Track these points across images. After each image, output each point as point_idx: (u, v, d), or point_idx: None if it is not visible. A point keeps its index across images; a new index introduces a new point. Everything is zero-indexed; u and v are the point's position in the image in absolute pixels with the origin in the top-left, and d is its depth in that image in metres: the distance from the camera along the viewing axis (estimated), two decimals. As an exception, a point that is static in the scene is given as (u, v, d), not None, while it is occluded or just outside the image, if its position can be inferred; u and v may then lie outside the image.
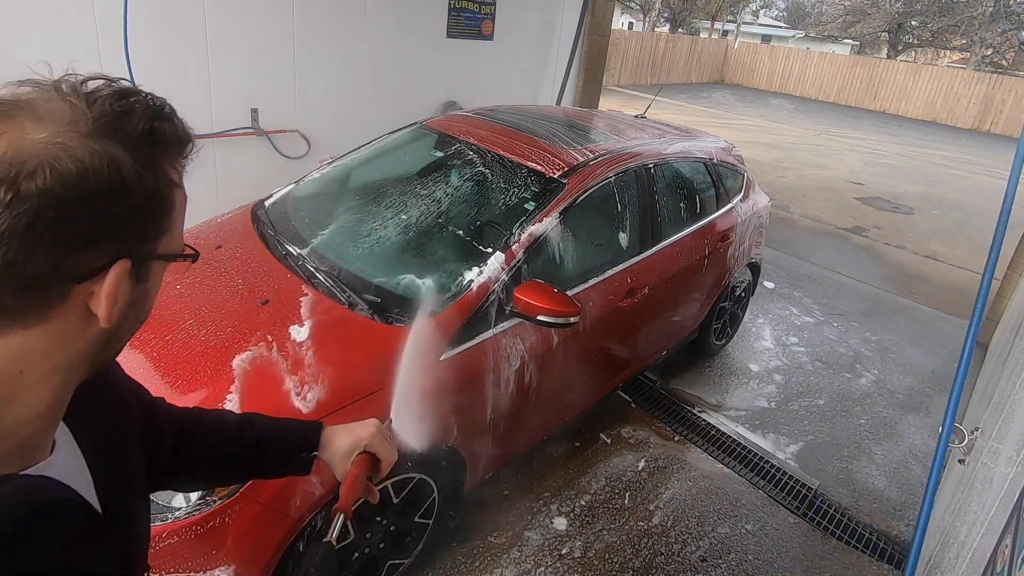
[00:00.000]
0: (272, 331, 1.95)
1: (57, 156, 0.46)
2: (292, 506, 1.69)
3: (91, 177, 0.47)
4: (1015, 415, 1.59)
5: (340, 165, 3.08)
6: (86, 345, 0.53)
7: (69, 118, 0.49)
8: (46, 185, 0.45)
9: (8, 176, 0.44)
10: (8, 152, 0.44)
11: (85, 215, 0.47)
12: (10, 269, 0.45)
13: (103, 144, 0.49)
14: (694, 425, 3.33)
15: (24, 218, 0.44)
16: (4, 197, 0.43)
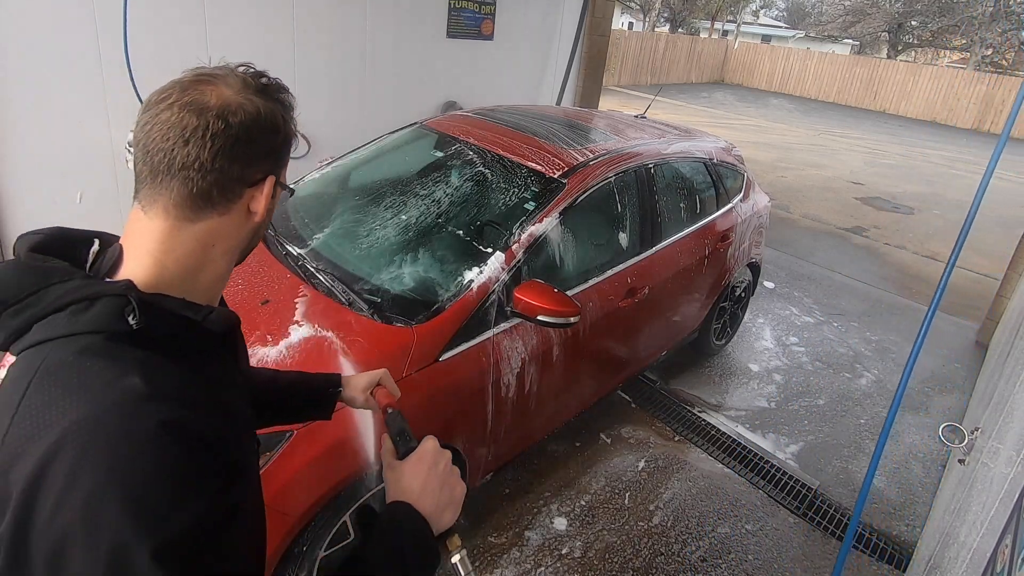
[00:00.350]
0: (272, 331, 1.95)
1: (244, 103, 0.73)
2: (292, 506, 1.69)
3: (263, 118, 0.74)
4: (1015, 415, 1.59)
5: (340, 165, 3.08)
6: (245, 234, 0.78)
7: (242, 84, 0.75)
8: (242, 119, 0.71)
9: (222, 113, 0.70)
10: (217, 100, 0.71)
11: (259, 141, 0.73)
12: (220, 173, 0.70)
13: (265, 100, 0.76)
14: (694, 425, 3.33)
15: (230, 139, 0.70)
16: (219, 125, 0.69)
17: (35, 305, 0.64)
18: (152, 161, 0.70)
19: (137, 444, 0.55)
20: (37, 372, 0.60)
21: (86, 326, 0.62)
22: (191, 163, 0.68)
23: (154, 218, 0.71)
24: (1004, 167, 13.49)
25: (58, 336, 0.62)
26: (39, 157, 3.63)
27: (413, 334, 1.99)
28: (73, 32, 3.54)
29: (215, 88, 0.73)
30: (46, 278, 0.66)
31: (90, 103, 3.71)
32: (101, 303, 0.64)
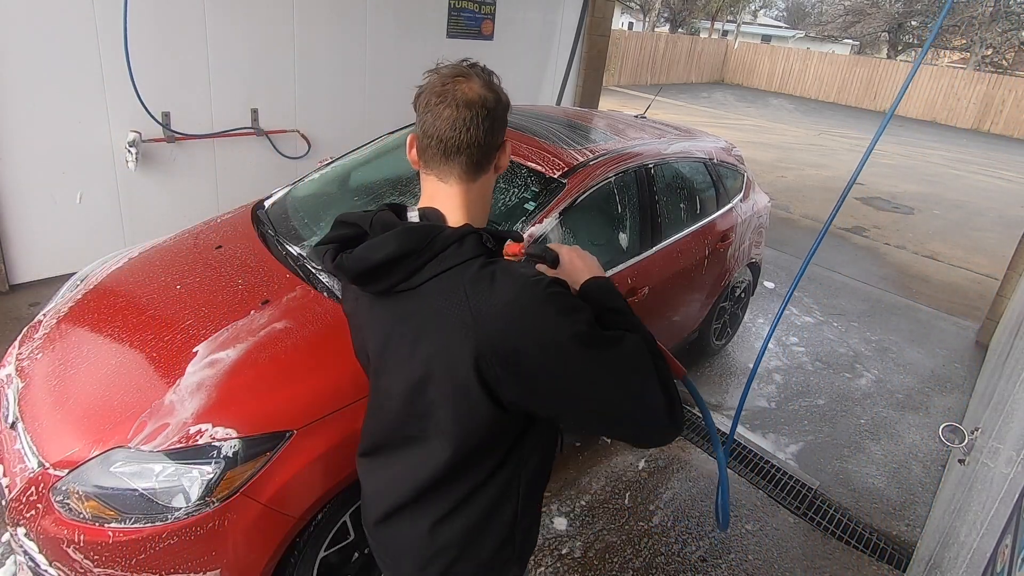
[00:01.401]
0: (272, 331, 1.95)
1: (492, 94, 1.01)
2: (292, 506, 1.69)
3: (501, 102, 1.03)
4: (1015, 415, 1.59)
5: (340, 165, 3.08)
6: (492, 185, 1.10)
7: (483, 79, 1.02)
8: (494, 106, 1.01)
9: (484, 103, 0.99)
10: (476, 93, 0.99)
11: (500, 117, 1.04)
12: (488, 144, 1.02)
13: (494, 89, 1.03)
14: (694, 425, 3.33)
15: (493, 120, 1.01)
16: (483, 113, 0.99)
17: (431, 248, 0.95)
18: (444, 146, 1.00)
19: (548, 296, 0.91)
20: (465, 283, 0.92)
21: (468, 254, 0.95)
22: (473, 142, 0.99)
23: (453, 185, 1.04)
24: (1004, 167, 13.50)
25: (454, 265, 0.94)
26: (39, 157, 3.63)
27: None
28: (73, 32, 3.54)
29: (471, 82, 1.00)
30: (430, 232, 0.96)
31: (90, 103, 3.71)
32: (469, 239, 0.96)
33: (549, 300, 0.91)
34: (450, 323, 0.92)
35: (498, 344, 0.89)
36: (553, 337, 0.88)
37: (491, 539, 1.07)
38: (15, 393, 1.91)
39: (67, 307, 2.19)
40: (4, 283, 3.71)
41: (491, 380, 0.91)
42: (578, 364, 0.89)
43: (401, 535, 1.10)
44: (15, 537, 1.69)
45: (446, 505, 1.04)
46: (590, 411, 0.93)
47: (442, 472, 1.01)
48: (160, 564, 1.59)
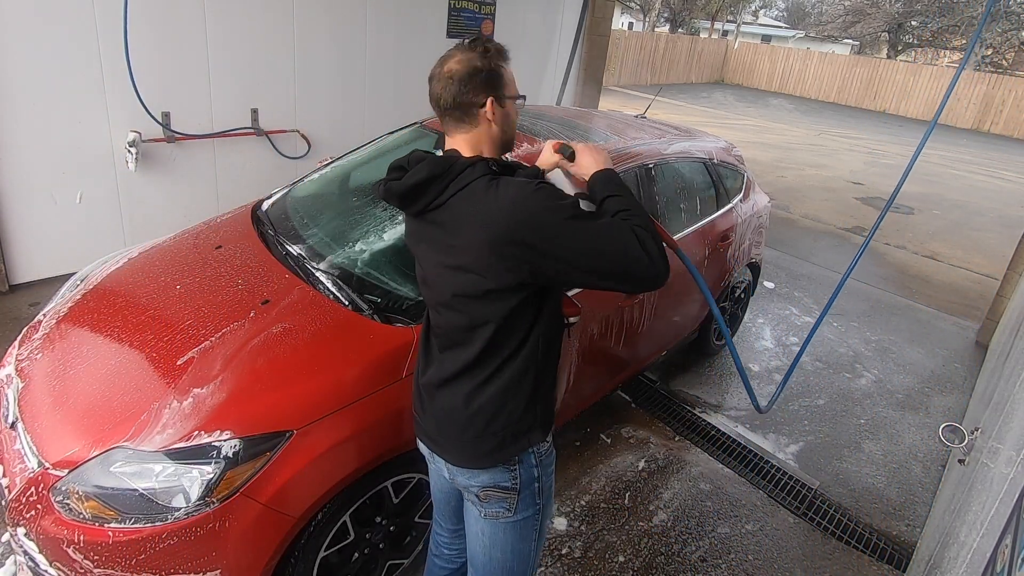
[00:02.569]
0: (272, 332, 1.95)
1: (461, 66, 1.29)
2: (292, 506, 1.69)
3: (473, 69, 1.29)
4: (1015, 415, 1.59)
5: (340, 165, 3.08)
6: (494, 134, 1.36)
7: (463, 53, 1.30)
8: (464, 74, 1.28)
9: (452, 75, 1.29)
10: (454, 66, 1.29)
11: (472, 82, 1.29)
12: (462, 104, 1.30)
13: (470, 55, 1.30)
14: (694, 425, 3.33)
15: (462, 85, 1.29)
16: (455, 79, 1.29)
17: (452, 170, 1.27)
18: (437, 108, 1.34)
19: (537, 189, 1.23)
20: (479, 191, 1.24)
21: (480, 172, 1.26)
22: (451, 104, 1.31)
23: (454, 135, 1.36)
24: (1004, 167, 13.50)
25: (470, 181, 1.25)
26: (39, 157, 3.63)
27: (413, 334, 1.99)
28: (73, 32, 3.54)
29: (450, 62, 1.30)
30: (451, 159, 1.30)
31: (90, 103, 3.71)
32: (479, 164, 1.28)
33: (538, 192, 1.23)
34: (473, 223, 1.24)
35: (511, 230, 1.20)
36: (547, 217, 1.21)
37: (517, 403, 1.37)
38: (15, 393, 1.91)
39: (67, 307, 2.19)
40: (4, 283, 3.71)
41: (509, 259, 1.22)
42: (568, 233, 1.20)
43: (449, 403, 1.40)
44: (15, 537, 1.69)
45: (484, 373, 1.35)
46: (588, 268, 1.23)
47: (479, 352, 1.33)
48: (160, 564, 1.59)
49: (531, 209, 1.21)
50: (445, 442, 1.45)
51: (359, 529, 1.93)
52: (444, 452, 1.46)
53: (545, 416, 1.44)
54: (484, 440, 1.38)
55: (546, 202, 1.22)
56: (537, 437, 1.42)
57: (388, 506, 2.01)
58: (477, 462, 1.40)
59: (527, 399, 1.38)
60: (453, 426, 1.41)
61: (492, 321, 1.30)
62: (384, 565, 2.10)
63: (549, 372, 1.43)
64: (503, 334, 1.31)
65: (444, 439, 1.45)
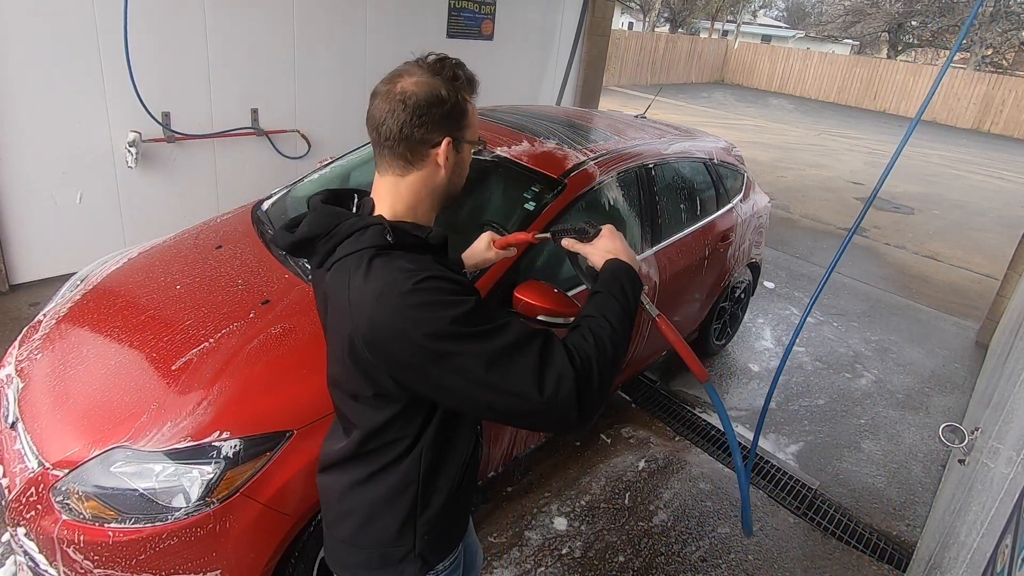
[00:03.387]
0: (272, 331, 1.95)
1: (427, 90, 0.99)
2: (292, 506, 1.69)
3: (438, 100, 1.00)
4: (1015, 415, 1.59)
5: (340, 165, 3.08)
6: (438, 183, 1.07)
7: (429, 74, 1.01)
8: (425, 101, 0.99)
9: (412, 100, 0.99)
10: (410, 88, 0.99)
11: (435, 111, 1.00)
12: (410, 138, 1.00)
13: (434, 79, 1.00)
14: (694, 425, 3.33)
15: (420, 116, 0.99)
16: (408, 105, 0.98)
17: (336, 235, 1.01)
18: (376, 135, 1.04)
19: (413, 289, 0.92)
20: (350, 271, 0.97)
21: (366, 243, 0.98)
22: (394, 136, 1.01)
23: (385, 175, 1.06)
24: (1004, 167, 13.50)
25: (352, 252, 0.98)
26: (39, 157, 3.63)
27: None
28: (73, 32, 3.54)
29: (407, 78, 1.01)
30: (338, 217, 1.03)
31: (90, 103, 3.71)
32: (371, 229, 0.99)
33: (413, 293, 0.92)
34: (338, 307, 1.01)
35: (365, 331, 0.95)
36: (410, 330, 0.91)
37: (388, 522, 1.11)
38: (15, 393, 1.91)
39: (67, 307, 2.19)
40: (4, 283, 3.71)
41: (365, 364, 0.98)
42: (435, 356, 0.91)
43: (328, 488, 1.20)
44: (15, 537, 1.69)
45: (359, 475, 1.12)
46: (472, 402, 0.95)
47: (352, 448, 1.10)
48: (160, 564, 1.59)
49: (398, 312, 0.91)
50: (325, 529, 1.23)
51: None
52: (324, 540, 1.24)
53: (433, 545, 1.14)
54: (351, 550, 1.15)
55: (419, 304, 0.91)
56: (411, 571, 1.13)
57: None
58: (342, 571, 1.19)
59: (402, 520, 1.10)
60: (327, 517, 1.20)
61: (359, 427, 1.07)
62: (384, 565, 2.09)
63: (442, 493, 1.12)
64: (373, 442, 1.07)
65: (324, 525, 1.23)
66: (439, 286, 0.94)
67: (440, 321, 0.91)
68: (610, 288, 1.09)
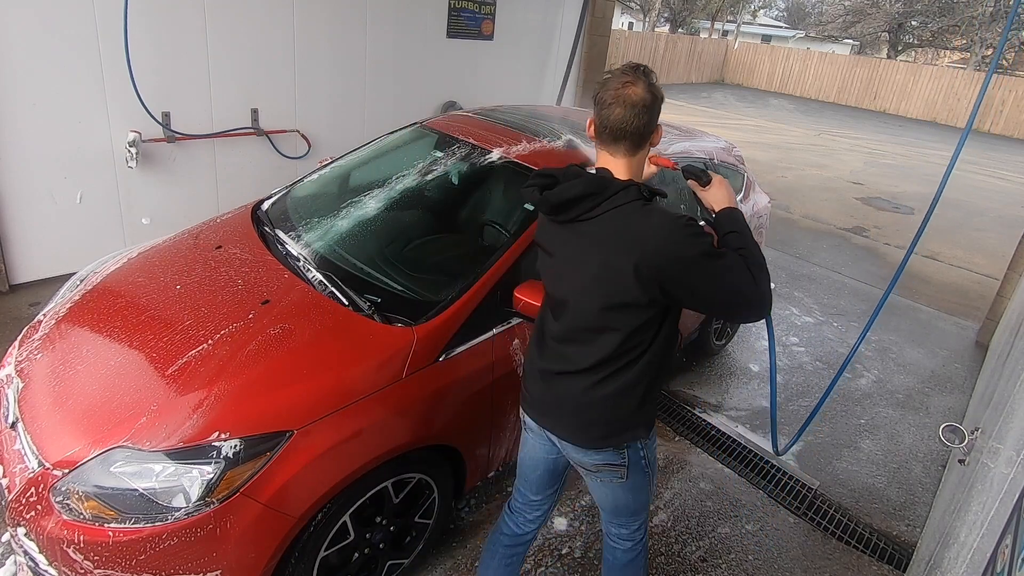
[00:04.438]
0: (272, 332, 1.95)
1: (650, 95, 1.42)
2: (292, 506, 1.69)
3: (656, 99, 1.43)
4: (1015, 415, 1.59)
5: (340, 166, 3.08)
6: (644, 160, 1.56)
7: (645, 82, 1.41)
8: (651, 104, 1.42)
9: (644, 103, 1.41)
10: (639, 95, 1.40)
11: (655, 111, 1.44)
12: (643, 131, 1.44)
13: (646, 83, 1.42)
14: (694, 425, 3.33)
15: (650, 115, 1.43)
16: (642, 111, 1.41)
17: (606, 191, 1.42)
18: (614, 133, 1.44)
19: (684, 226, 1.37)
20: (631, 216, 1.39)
21: (632, 197, 1.41)
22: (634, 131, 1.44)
23: (619, 157, 1.48)
24: (1004, 167, 13.49)
25: (622, 204, 1.40)
26: (39, 157, 3.63)
27: (413, 334, 1.99)
28: (73, 32, 3.54)
29: (635, 89, 1.41)
30: (606, 180, 1.45)
31: (90, 103, 3.71)
32: (632, 188, 1.42)
33: (685, 227, 1.37)
34: (620, 242, 1.40)
35: (655, 255, 1.36)
36: (686, 252, 1.36)
37: (629, 403, 1.53)
38: (15, 393, 1.91)
39: (67, 307, 2.19)
40: (4, 283, 3.71)
41: (646, 280, 1.38)
42: (700, 268, 1.37)
43: (567, 390, 1.56)
44: (15, 537, 1.69)
45: (599, 375, 1.50)
46: (708, 300, 1.44)
47: (610, 349, 1.48)
48: (160, 564, 1.59)
49: (676, 241, 1.36)
50: (560, 421, 1.62)
51: (359, 529, 1.93)
52: (557, 429, 1.63)
53: (651, 416, 1.62)
54: (595, 427, 1.56)
55: (689, 237, 1.37)
56: (641, 433, 1.60)
57: (388, 506, 2.01)
58: (589, 443, 1.59)
59: (639, 401, 1.54)
60: (570, 410, 1.57)
61: (620, 329, 1.46)
62: (384, 565, 2.10)
63: (661, 379, 1.59)
64: (628, 342, 1.47)
65: (559, 419, 1.61)
66: (694, 224, 1.39)
67: (702, 246, 1.36)
68: (738, 227, 1.55)
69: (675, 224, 1.37)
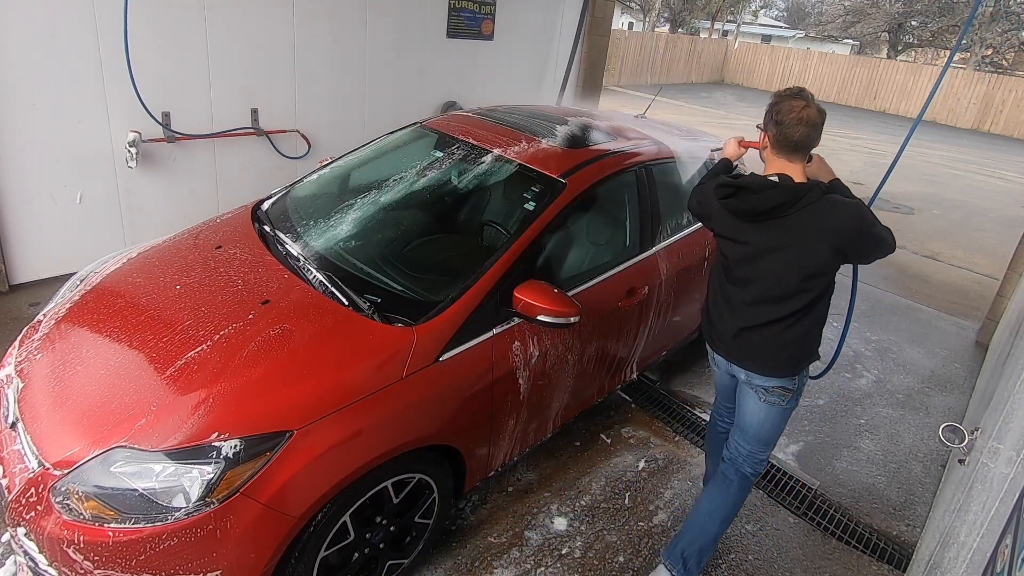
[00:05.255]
0: (272, 332, 1.95)
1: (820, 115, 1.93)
2: (292, 506, 1.69)
3: (823, 117, 1.93)
4: (1015, 415, 1.59)
5: (339, 166, 3.08)
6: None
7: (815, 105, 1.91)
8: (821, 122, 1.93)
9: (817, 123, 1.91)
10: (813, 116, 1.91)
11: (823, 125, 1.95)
12: (814, 143, 1.95)
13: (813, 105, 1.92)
14: (694, 425, 3.33)
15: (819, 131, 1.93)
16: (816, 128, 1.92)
17: (798, 195, 1.88)
18: (795, 146, 1.91)
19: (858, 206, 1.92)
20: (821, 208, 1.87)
21: (818, 195, 1.89)
22: (809, 144, 1.92)
23: (796, 163, 1.93)
24: (1004, 167, 13.49)
25: (814, 201, 1.88)
26: (39, 157, 3.63)
27: (413, 334, 1.99)
28: (73, 32, 3.54)
29: (809, 111, 1.88)
30: (795, 187, 1.89)
31: (90, 103, 3.72)
32: (816, 188, 1.90)
33: (861, 210, 1.89)
34: (818, 230, 1.87)
35: (847, 235, 1.87)
36: (866, 228, 1.88)
37: (809, 341, 2.07)
38: (15, 393, 1.91)
39: (67, 307, 2.19)
40: (4, 283, 3.71)
41: (839, 253, 1.89)
42: (872, 235, 1.89)
43: (763, 338, 2.06)
44: (15, 537, 1.69)
45: (790, 323, 2.01)
46: (874, 254, 1.95)
47: (800, 305, 1.98)
48: (160, 565, 1.59)
49: (860, 220, 1.87)
50: (752, 360, 2.11)
51: (359, 529, 1.93)
52: (750, 365, 2.12)
53: (815, 353, 2.12)
54: (783, 360, 2.06)
55: (865, 216, 1.88)
56: (807, 365, 2.12)
57: (388, 506, 2.01)
58: (775, 372, 2.08)
59: (813, 339, 2.08)
60: (765, 352, 2.07)
61: (811, 291, 1.95)
62: (384, 565, 2.10)
63: (823, 324, 2.10)
64: (815, 298, 1.97)
65: (753, 359, 2.10)
66: (861, 202, 1.93)
67: (871, 217, 1.89)
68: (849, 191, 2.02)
69: (855, 208, 1.88)
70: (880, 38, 29.35)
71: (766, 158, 2.02)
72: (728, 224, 2.04)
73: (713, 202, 2.05)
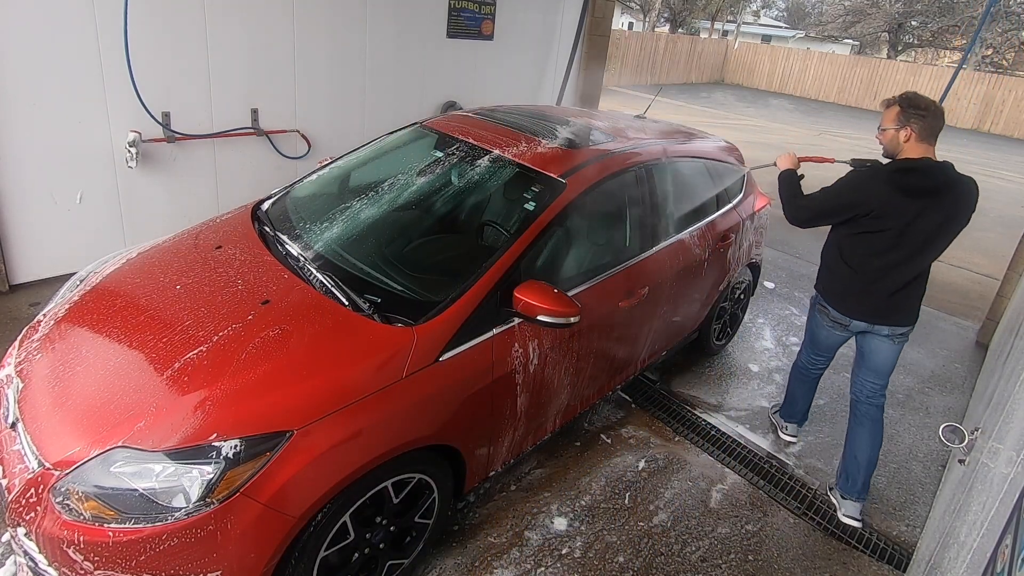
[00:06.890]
0: (272, 332, 1.95)
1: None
2: (292, 506, 1.69)
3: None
4: (1015, 415, 1.59)
5: (339, 166, 3.08)
6: None
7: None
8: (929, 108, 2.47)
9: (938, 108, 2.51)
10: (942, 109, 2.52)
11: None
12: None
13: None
14: (694, 425, 3.33)
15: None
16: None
17: (952, 173, 2.45)
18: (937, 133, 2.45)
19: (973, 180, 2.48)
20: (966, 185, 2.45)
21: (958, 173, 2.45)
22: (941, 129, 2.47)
23: (935, 146, 2.47)
24: (1004, 167, 13.48)
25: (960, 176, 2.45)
26: (39, 157, 3.63)
27: (413, 334, 1.99)
28: (73, 32, 3.54)
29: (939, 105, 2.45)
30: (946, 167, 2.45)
31: (90, 103, 3.72)
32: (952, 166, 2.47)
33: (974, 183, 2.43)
34: (962, 203, 2.39)
35: (972, 207, 2.41)
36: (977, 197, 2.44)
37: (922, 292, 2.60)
38: (15, 393, 1.91)
39: (66, 307, 2.19)
40: (4, 283, 3.71)
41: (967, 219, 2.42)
42: None
43: (903, 296, 2.55)
44: (15, 537, 1.69)
45: (924, 279, 2.56)
46: None
47: (925, 268, 2.53)
48: (160, 565, 1.59)
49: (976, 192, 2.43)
50: (900, 314, 2.58)
51: (359, 529, 1.93)
52: (897, 319, 2.60)
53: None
54: (912, 310, 2.59)
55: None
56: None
57: (388, 506, 2.01)
58: (912, 319, 2.60)
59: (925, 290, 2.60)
60: (911, 305, 2.58)
61: (935, 253, 2.49)
62: (384, 565, 2.10)
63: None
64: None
65: (900, 312, 2.58)
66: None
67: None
68: None
69: (973, 182, 2.42)
70: (880, 38, 29.35)
71: (905, 149, 2.44)
72: (895, 202, 2.41)
73: (874, 186, 2.44)
